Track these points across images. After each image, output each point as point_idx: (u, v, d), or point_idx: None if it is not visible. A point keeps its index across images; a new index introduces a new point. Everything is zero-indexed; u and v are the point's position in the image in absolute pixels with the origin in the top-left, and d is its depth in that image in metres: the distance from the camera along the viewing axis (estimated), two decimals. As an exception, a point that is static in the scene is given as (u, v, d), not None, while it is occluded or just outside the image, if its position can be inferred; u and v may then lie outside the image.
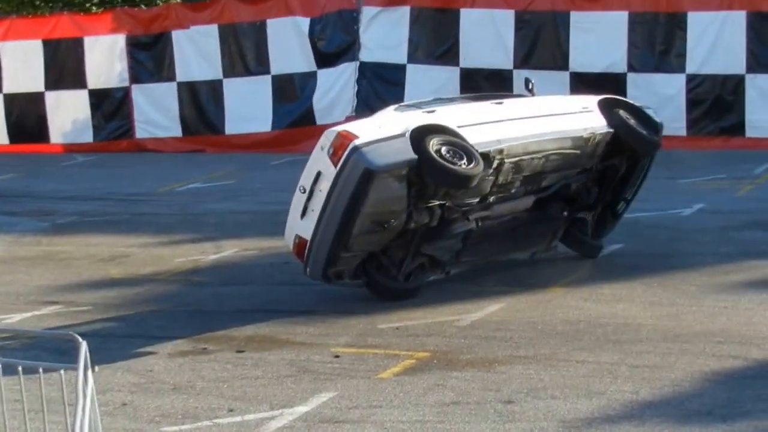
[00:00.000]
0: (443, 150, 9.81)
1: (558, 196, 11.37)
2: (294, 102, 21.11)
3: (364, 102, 20.41)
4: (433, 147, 9.80)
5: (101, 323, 9.93)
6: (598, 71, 19.35)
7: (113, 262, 12.44)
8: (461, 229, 10.60)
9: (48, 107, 22.32)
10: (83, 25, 22.37)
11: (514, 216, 11.09)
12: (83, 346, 5.33)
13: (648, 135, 11.29)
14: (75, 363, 5.32)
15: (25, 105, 22.49)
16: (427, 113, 10.35)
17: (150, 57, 21.93)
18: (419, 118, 10.20)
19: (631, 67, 19.36)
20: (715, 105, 19.11)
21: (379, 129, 9.96)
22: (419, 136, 9.84)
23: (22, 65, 22.45)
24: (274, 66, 21.16)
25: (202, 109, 21.64)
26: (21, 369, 5.67)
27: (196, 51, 21.61)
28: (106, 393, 7.85)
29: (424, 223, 10.23)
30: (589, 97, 11.75)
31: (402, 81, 20.21)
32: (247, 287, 11.12)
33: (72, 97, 22.18)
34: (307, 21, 20.92)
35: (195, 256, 12.50)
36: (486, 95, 13.01)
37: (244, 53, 21.38)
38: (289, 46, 20.99)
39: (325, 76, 20.84)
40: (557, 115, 11.03)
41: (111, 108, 22.10)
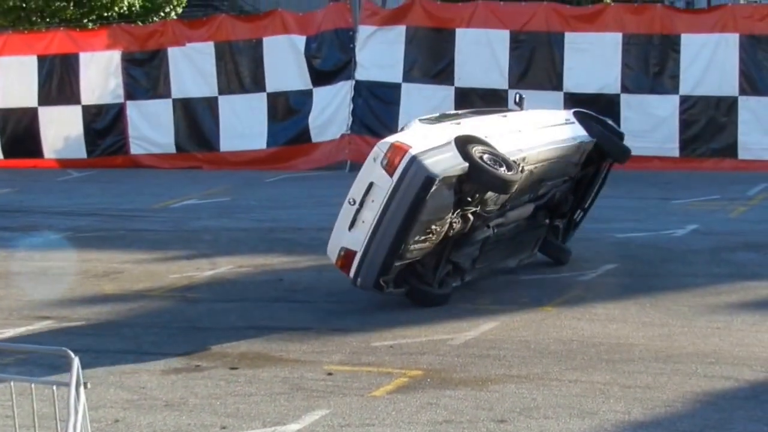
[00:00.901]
0: (485, 157, 10.16)
1: (545, 203, 11.78)
2: (289, 120, 21.13)
3: (359, 120, 20.46)
4: (477, 155, 10.13)
5: (94, 339, 9.91)
6: (592, 92, 19.42)
7: (107, 277, 12.42)
8: (481, 236, 10.96)
9: (42, 122, 22.28)
10: (79, 41, 22.36)
11: (518, 223, 11.40)
12: (75, 361, 5.32)
13: (623, 144, 12.08)
14: (67, 379, 5.32)
15: (20, 120, 22.48)
16: (455, 125, 10.61)
17: (145, 73, 21.94)
18: (453, 129, 10.51)
19: (625, 88, 19.43)
20: (708, 126, 19.18)
21: (426, 139, 10.23)
22: (463, 145, 10.18)
23: (16, 80, 22.45)
24: (269, 84, 21.17)
25: (197, 126, 21.62)
26: (13, 385, 5.67)
27: (191, 68, 21.61)
28: (98, 409, 7.84)
29: (459, 230, 10.50)
30: (564, 111, 12.37)
31: (397, 100, 20.24)
32: (241, 304, 11.11)
33: (66, 113, 22.16)
34: (303, 39, 20.96)
35: (189, 272, 12.49)
36: (483, 110, 13.23)
37: (239, 71, 21.40)
38: (285, 64, 21.01)
39: (321, 94, 20.87)
40: (553, 127, 11.55)
41: (105, 124, 22.08)
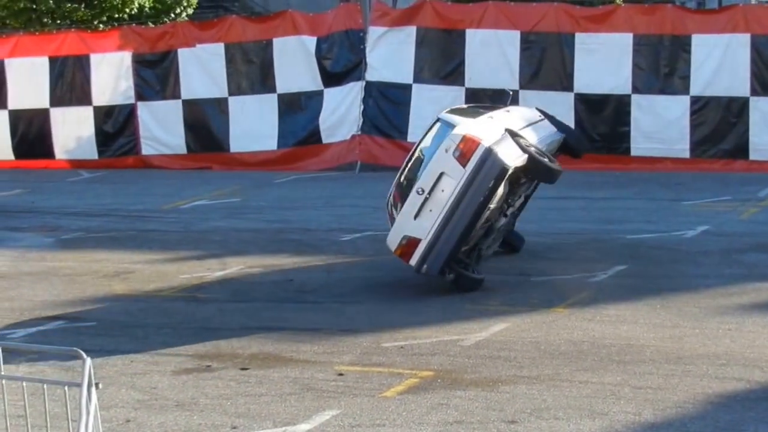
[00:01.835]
0: (532, 150, 10.38)
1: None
2: (300, 121, 21.13)
3: (370, 121, 20.46)
4: (531, 149, 10.56)
5: (105, 339, 9.94)
6: (602, 92, 19.39)
7: (118, 278, 12.45)
8: (498, 225, 11.32)
9: (53, 123, 22.32)
10: (90, 42, 22.39)
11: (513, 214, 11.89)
12: (87, 362, 5.34)
13: (584, 139, 12.98)
14: (79, 379, 5.33)
15: (31, 121, 22.53)
16: (490, 119, 10.87)
17: (155, 75, 21.97)
18: (495, 123, 10.86)
19: (636, 89, 19.38)
20: (719, 127, 19.12)
21: (488, 133, 10.53)
22: (515, 138, 10.58)
23: (28, 81, 22.50)
24: (280, 85, 21.18)
25: (207, 127, 21.64)
26: (25, 385, 5.69)
27: (201, 69, 21.63)
28: (109, 409, 7.86)
29: (496, 218, 10.95)
30: (531, 108, 12.97)
31: (408, 101, 20.23)
32: (252, 304, 11.13)
33: (78, 114, 22.20)
34: (314, 40, 20.96)
35: (199, 273, 12.51)
36: (483, 105, 13.85)
37: (250, 72, 21.42)
38: (296, 64, 21.02)
39: (332, 95, 20.87)
40: (540, 122, 12.06)
41: (116, 125, 22.12)
